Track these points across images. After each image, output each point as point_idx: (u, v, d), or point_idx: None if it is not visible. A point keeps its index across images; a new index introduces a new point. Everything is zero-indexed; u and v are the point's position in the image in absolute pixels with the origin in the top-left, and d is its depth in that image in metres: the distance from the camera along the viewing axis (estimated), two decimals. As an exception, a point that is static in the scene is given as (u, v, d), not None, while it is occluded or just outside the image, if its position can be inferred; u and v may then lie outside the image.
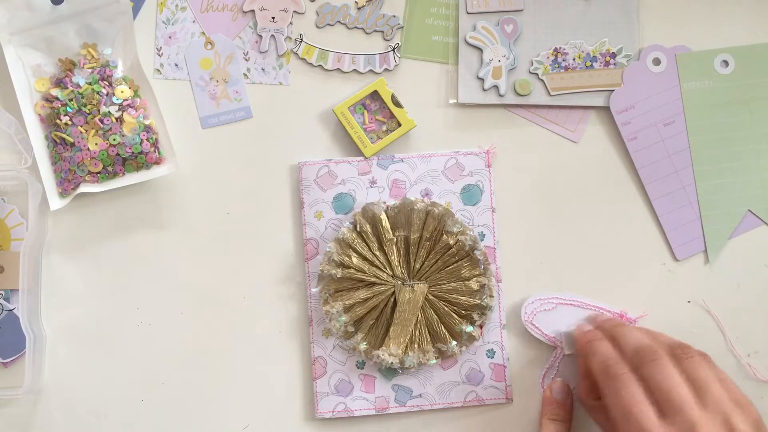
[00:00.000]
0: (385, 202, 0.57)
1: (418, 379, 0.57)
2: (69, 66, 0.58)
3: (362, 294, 0.56)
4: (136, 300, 0.58)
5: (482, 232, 0.58)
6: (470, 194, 0.58)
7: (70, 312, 0.58)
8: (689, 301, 0.59)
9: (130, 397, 0.58)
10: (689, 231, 0.59)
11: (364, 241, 0.56)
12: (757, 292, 0.59)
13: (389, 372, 0.57)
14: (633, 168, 0.59)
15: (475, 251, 0.56)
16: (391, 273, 0.56)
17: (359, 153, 0.59)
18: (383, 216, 0.56)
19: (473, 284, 0.56)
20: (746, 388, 0.58)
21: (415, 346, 0.56)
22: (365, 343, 0.56)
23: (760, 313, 0.59)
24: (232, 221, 0.59)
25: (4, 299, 0.58)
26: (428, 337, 0.56)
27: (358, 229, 0.56)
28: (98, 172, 0.57)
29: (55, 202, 0.58)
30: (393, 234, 0.56)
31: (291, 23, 0.60)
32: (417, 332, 0.56)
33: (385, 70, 0.60)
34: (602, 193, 0.59)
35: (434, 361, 0.56)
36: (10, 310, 0.58)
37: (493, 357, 0.58)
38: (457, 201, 0.58)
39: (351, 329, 0.56)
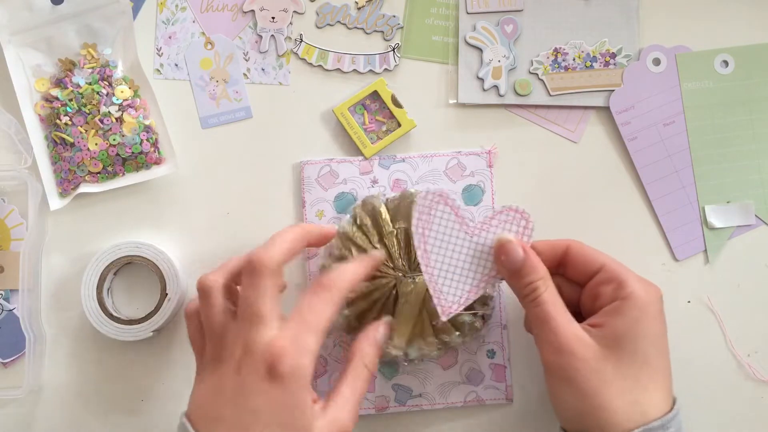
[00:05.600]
0: (384, 195, 0.57)
1: (418, 379, 0.57)
2: (69, 66, 0.58)
3: (364, 287, 0.56)
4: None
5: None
6: (472, 194, 0.58)
7: (70, 312, 0.58)
8: (689, 301, 0.59)
9: (130, 398, 0.58)
10: (689, 231, 0.59)
11: (365, 234, 0.56)
12: (757, 292, 0.59)
13: (389, 371, 0.57)
14: (633, 168, 0.59)
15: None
16: (392, 265, 0.56)
17: (359, 153, 0.59)
18: (383, 209, 0.56)
19: None
20: (746, 388, 0.58)
21: (419, 338, 0.56)
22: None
23: (760, 313, 0.59)
24: (232, 221, 0.59)
25: (4, 299, 0.58)
26: (431, 329, 0.56)
27: (357, 222, 0.56)
28: (98, 172, 0.57)
29: (55, 202, 0.58)
30: (393, 226, 0.56)
31: (291, 23, 0.60)
32: (420, 324, 0.56)
33: (385, 70, 0.60)
34: (602, 193, 0.59)
35: (437, 352, 0.55)
36: (10, 310, 0.58)
37: (493, 357, 0.58)
38: (458, 201, 0.58)
39: (355, 323, 0.56)
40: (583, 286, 0.51)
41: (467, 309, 0.56)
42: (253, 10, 0.60)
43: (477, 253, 0.52)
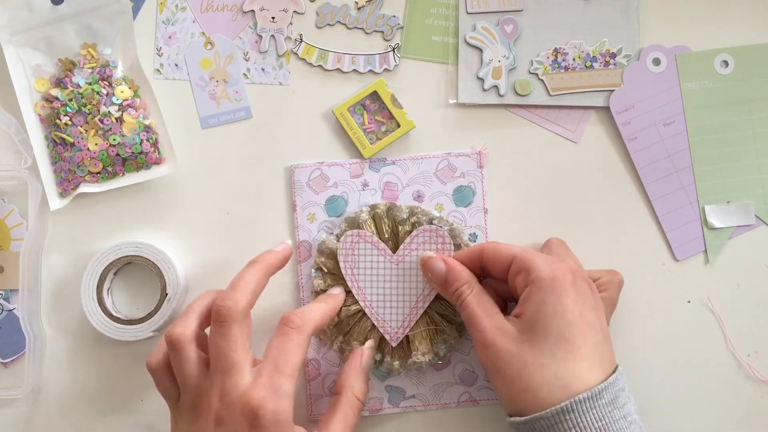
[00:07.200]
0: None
1: (411, 380, 0.58)
2: (69, 66, 0.58)
3: (353, 307, 0.56)
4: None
5: (474, 233, 0.58)
6: (462, 195, 0.58)
7: (70, 312, 0.58)
8: (689, 301, 0.59)
9: (130, 398, 0.58)
10: (689, 231, 0.59)
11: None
12: (757, 292, 0.59)
13: (381, 373, 0.58)
14: (633, 168, 0.59)
15: (433, 221, 0.56)
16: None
17: (358, 154, 0.59)
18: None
19: None
20: (746, 388, 0.58)
21: (435, 336, 0.56)
22: (397, 362, 0.56)
23: (760, 313, 0.59)
24: (232, 221, 0.59)
25: (4, 299, 0.58)
26: (443, 320, 0.56)
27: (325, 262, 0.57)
28: (98, 172, 0.57)
29: (55, 202, 0.58)
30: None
31: (291, 23, 0.60)
32: (432, 323, 0.56)
33: (385, 70, 0.60)
34: (602, 193, 0.59)
35: (459, 337, 0.56)
36: (10, 310, 0.58)
37: (488, 357, 0.58)
38: (449, 202, 0.58)
39: (347, 347, 0.56)
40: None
41: (449, 321, 0.56)
42: (253, 10, 0.60)
43: (406, 277, 0.56)
